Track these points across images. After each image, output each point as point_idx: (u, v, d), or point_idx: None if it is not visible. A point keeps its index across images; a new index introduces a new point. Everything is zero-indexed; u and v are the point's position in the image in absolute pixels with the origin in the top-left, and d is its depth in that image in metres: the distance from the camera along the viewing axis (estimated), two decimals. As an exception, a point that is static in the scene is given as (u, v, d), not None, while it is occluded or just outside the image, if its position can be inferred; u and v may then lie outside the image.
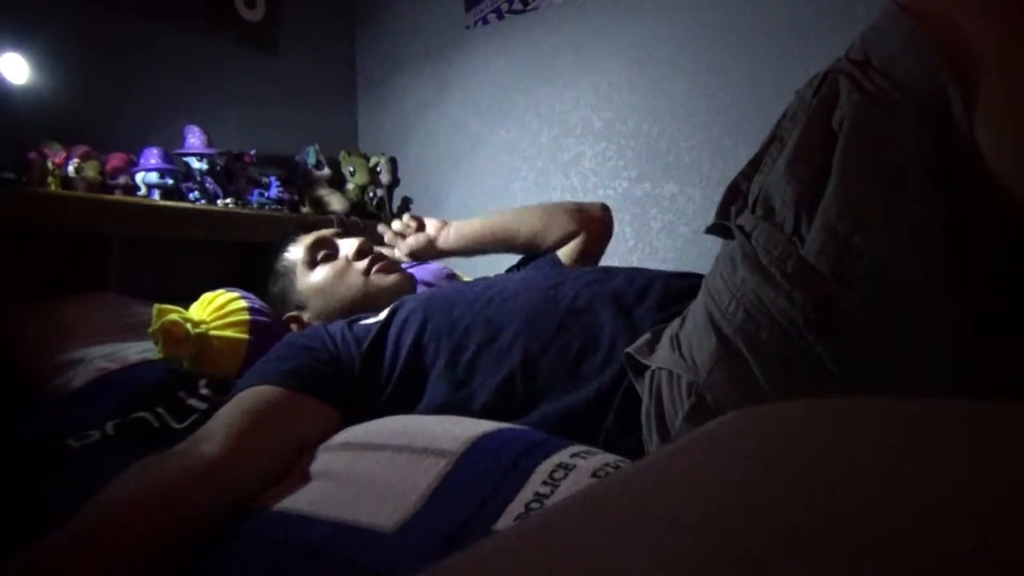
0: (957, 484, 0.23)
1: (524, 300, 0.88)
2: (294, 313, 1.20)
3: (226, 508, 0.67)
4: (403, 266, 1.29)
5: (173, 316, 1.11)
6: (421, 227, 1.35)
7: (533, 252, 1.33)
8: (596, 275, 0.92)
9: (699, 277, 0.75)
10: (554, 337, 0.83)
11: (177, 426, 0.96)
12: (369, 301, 1.14)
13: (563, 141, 2.02)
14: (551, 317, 0.84)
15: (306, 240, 1.23)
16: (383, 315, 0.95)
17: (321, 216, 1.94)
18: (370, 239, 1.25)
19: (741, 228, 0.66)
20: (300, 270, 1.20)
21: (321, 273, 1.19)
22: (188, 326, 1.12)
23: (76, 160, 1.44)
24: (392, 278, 1.19)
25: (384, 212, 2.27)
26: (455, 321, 0.88)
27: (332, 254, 1.21)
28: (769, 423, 0.30)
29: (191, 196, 1.69)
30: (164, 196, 1.61)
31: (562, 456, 0.62)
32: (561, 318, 0.84)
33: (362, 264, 1.19)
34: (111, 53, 1.74)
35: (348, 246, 1.22)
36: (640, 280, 0.89)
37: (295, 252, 1.23)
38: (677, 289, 0.87)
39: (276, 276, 1.24)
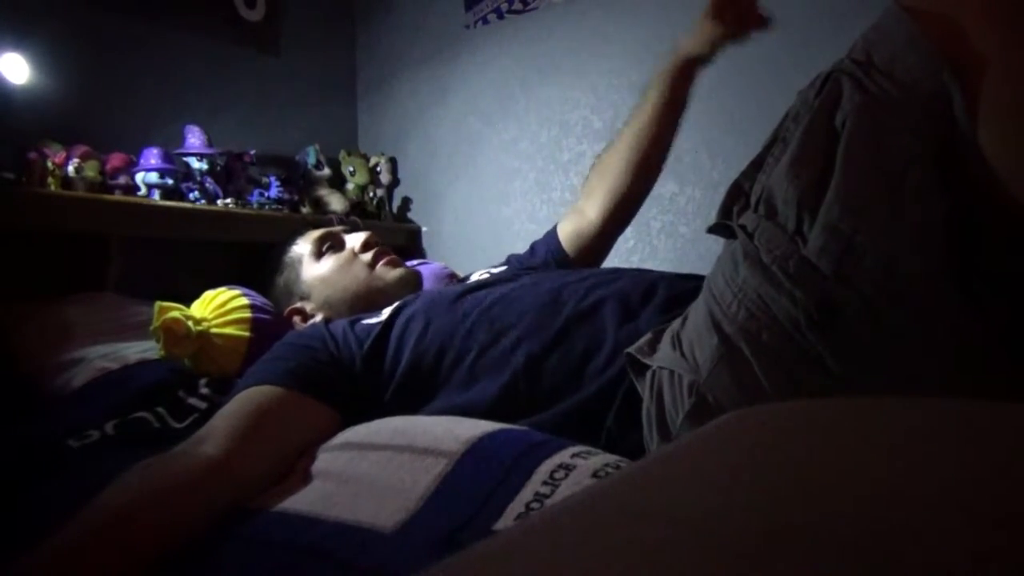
0: (957, 484, 0.23)
1: (528, 303, 0.88)
2: (297, 305, 1.21)
3: (226, 509, 0.67)
4: (407, 263, 1.29)
5: (174, 314, 1.11)
6: None
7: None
8: (601, 277, 0.92)
9: (703, 279, 0.75)
10: (558, 341, 0.83)
11: (177, 426, 0.96)
12: (373, 294, 1.15)
13: (563, 141, 2.02)
14: (555, 320, 0.84)
15: (314, 233, 1.26)
16: (385, 315, 0.94)
17: (321, 216, 1.93)
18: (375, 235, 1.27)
19: (743, 227, 0.66)
20: (306, 260, 1.22)
21: (327, 264, 1.21)
22: (189, 324, 1.12)
23: (76, 160, 1.44)
24: (397, 272, 1.20)
25: (384, 212, 2.27)
26: (458, 324, 0.88)
27: (338, 246, 1.23)
28: (769, 423, 0.30)
29: (191, 196, 1.68)
30: (164, 196, 1.61)
31: (562, 456, 0.62)
32: (565, 321, 0.84)
33: (367, 256, 1.20)
34: (111, 53, 1.73)
35: (355, 239, 1.23)
36: (645, 282, 0.89)
37: (302, 244, 1.25)
38: (681, 291, 0.87)
39: (282, 268, 1.26)
